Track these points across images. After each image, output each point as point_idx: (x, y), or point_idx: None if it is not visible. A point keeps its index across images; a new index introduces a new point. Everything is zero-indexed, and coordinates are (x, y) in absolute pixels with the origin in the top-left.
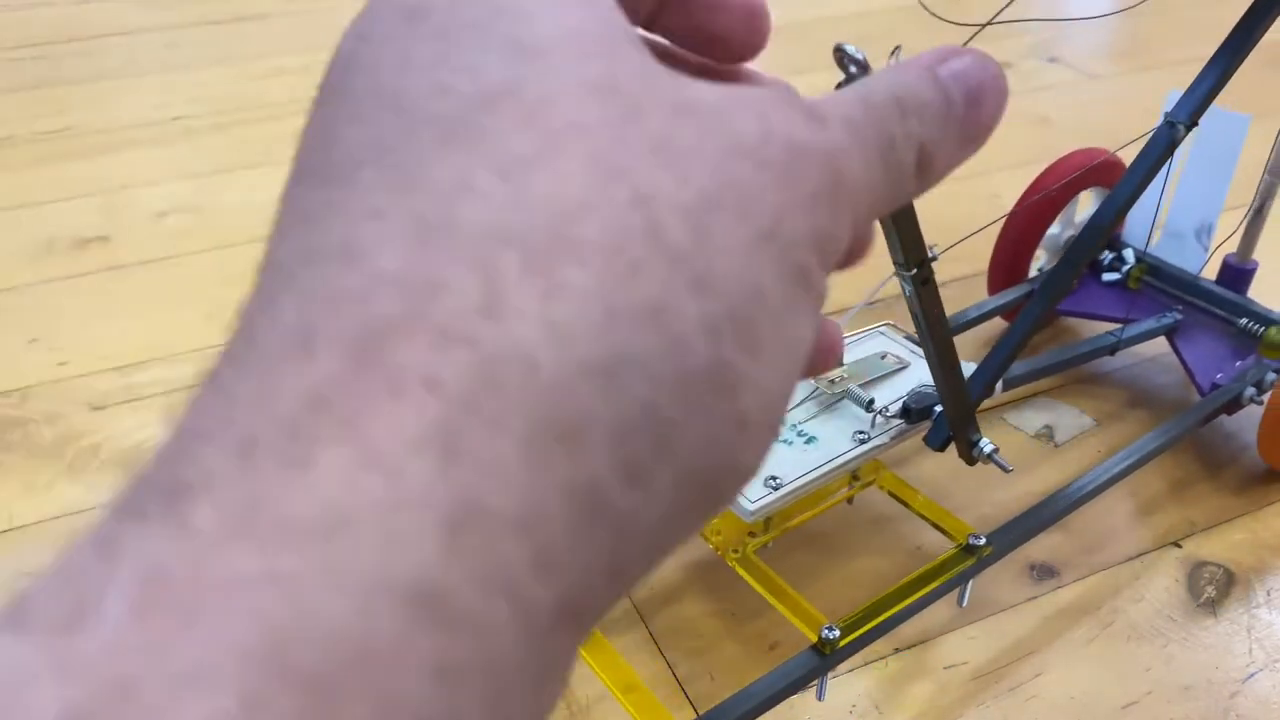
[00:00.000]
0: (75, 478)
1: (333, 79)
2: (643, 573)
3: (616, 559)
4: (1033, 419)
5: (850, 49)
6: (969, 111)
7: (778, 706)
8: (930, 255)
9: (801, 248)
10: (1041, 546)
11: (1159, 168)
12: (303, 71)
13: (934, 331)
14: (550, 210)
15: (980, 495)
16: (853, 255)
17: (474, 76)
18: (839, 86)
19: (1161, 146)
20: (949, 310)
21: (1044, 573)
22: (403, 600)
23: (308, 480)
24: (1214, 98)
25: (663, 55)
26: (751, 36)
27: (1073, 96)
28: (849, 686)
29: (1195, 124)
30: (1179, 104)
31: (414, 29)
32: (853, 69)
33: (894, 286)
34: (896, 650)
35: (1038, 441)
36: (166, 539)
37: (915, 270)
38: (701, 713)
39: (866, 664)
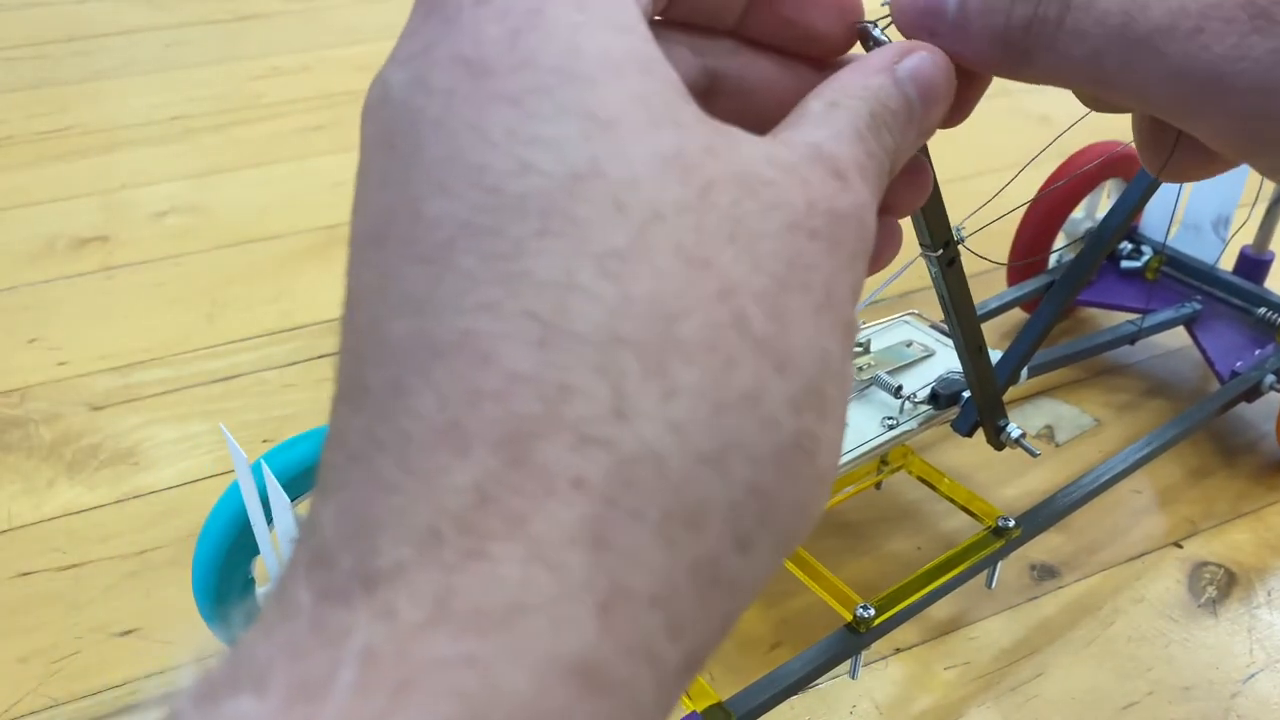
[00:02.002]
0: (75, 478)
1: (396, 127)
2: (741, 615)
3: (728, 613)
4: (1034, 418)
5: (875, 31)
6: (925, 111)
7: (779, 706)
8: (957, 236)
9: (847, 305)
10: (1042, 546)
11: None
12: (303, 71)
13: (961, 313)
14: (654, 312)
15: (986, 493)
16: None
17: (555, 154)
18: None
19: None
20: None
21: (1044, 573)
22: (568, 673)
23: (488, 573)
24: None
25: (707, 91)
26: (842, 30)
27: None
28: (849, 687)
29: None
30: None
31: (481, 87)
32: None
33: (900, 284)
34: (897, 650)
35: (1038, 441)
36: (376, 625)
37: (941, 250)
38: (703, 708)
39: (867, 664)
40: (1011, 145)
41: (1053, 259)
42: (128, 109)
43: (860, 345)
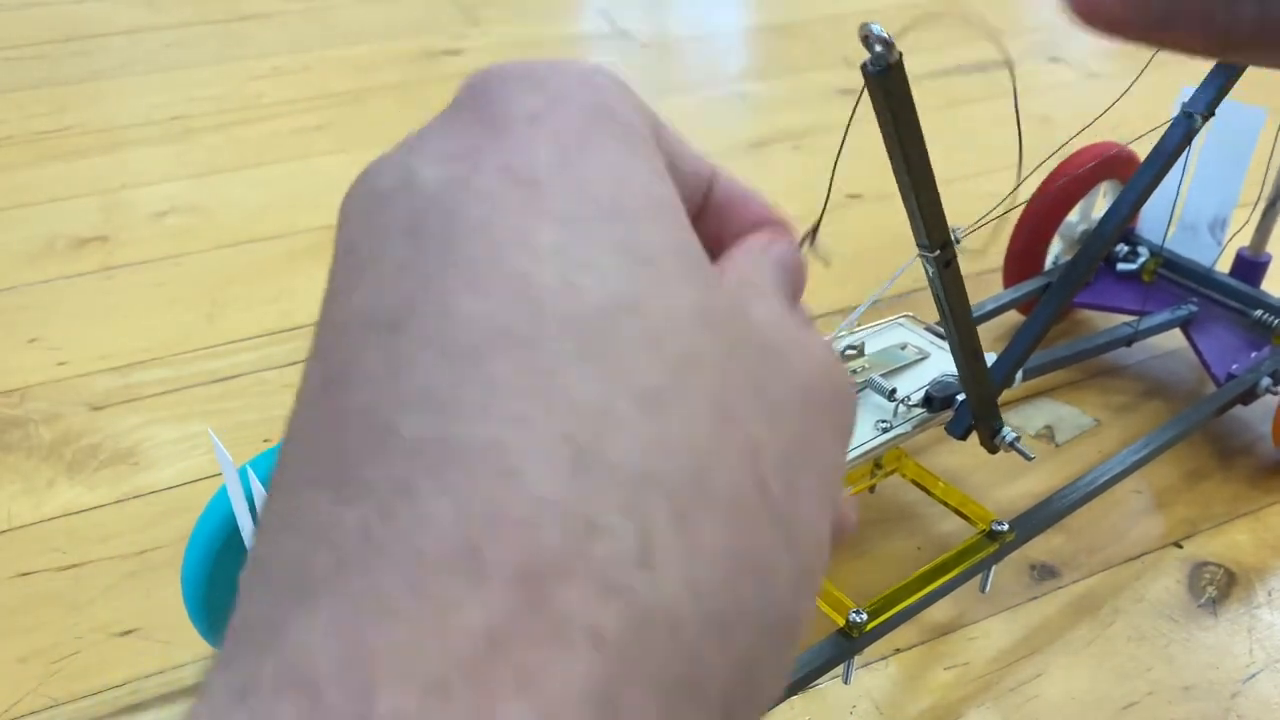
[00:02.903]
0: (75, 478)
1: (426, 218)
2: None
3: None
4: (1034, 419)
5: (876, 29)
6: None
7: (779, 706)
8: (954, 238)
9: (838, 485)
10: (1042, 547)
11: (1175, 159)
12: (303, 71)
13: (956, 315)
14: (687, 456)
15: (983, 495)
16: None
17: (601, 281)
18: (864, 66)
19: (1178, 137)
20: None
21: (1044, 573)
22: None
23: None
24: (1231, 87)
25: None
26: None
27: (1074, 96)
28: (849, 687)
29: (1212, 114)
30: (1195, 94)
31: (531, 203)
32: (878, 48)
33: (899, 285)
34: (897, 651)
35: (1038, 442)
36: None
37: (939, 251)
38: None
39: (867, 665)
40: (1011, 145)
41: (1049, 260)
42: (128, 109)
43: (855, 348)
